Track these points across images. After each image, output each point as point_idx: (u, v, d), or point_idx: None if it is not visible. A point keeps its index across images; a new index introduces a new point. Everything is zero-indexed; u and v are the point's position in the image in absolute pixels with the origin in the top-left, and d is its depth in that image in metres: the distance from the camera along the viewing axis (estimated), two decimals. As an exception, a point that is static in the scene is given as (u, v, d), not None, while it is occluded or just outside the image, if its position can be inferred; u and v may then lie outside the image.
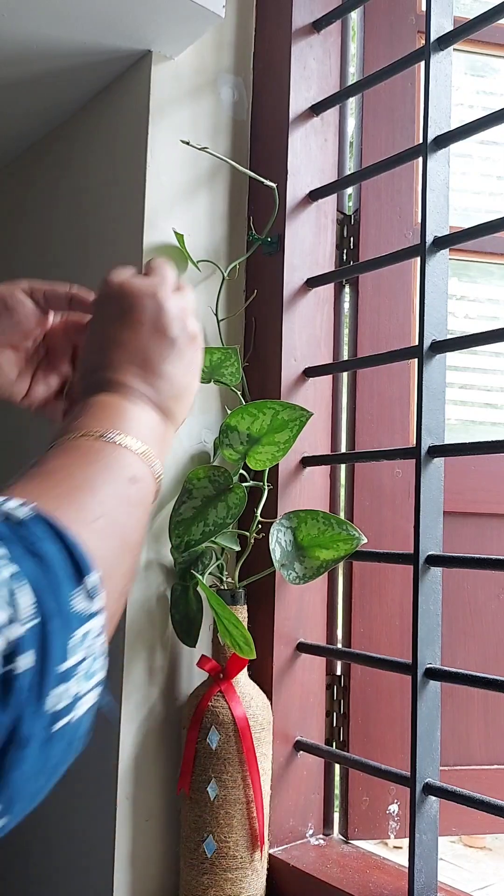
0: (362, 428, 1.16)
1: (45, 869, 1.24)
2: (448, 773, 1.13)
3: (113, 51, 1.11)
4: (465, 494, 1.21)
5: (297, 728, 1.11)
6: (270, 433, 1.02)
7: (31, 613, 0.33)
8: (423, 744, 0.92)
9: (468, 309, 1.40)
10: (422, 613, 0.93)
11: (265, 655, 1.08)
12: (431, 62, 0.99)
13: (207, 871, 0.97)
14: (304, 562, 1.02)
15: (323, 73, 1.18)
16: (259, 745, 0.99)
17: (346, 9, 1.16)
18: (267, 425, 1.02)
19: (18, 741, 0.31)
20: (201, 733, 0.99)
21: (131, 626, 1.05)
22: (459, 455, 0.96)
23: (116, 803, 1.03)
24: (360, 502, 1.15)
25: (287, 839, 1.09)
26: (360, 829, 1.12)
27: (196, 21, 1.04)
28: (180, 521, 1.03)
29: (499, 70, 1.38)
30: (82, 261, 1.26)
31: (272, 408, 1.01)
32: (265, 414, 1.01)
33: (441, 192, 0.99)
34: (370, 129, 1.20)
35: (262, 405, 1.01)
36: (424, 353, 0.96)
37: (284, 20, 1.16)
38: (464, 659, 1.19)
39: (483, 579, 1.22)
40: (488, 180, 1.39)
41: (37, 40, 1.08)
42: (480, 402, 1.43)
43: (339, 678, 1.15)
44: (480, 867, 2.36)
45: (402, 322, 1.19)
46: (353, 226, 1.19)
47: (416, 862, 0.91)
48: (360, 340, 1.17)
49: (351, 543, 1.00)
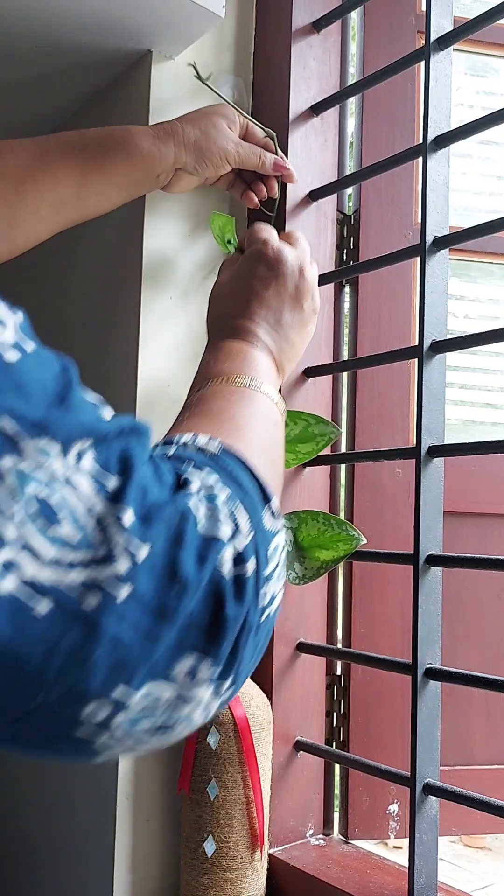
0: (362, 428, 1.16)
1: (45, 869, 1.24)
2: (448, 773, 1.13)
3: (113, 51, 1.11)
4: (465, 494, 1.21)
5: (297, 728, 1.11)
6: (295, 442, 1.03)
7: (249, 528, 0.40)
8: (423, 744, 0.92)
9: (468, 309, 1.40)
10: (422, 613, 0.93)
11: (265, 655, 1.08)
12: (431, 62, 0.99)
13: (207, 872, 0.97)
14: (305, 562, 1.02)
15: (323, 73, 1.18)
16: (259, 745, 0.99)
17: (346, 9, 1.16)
18: (295, 435, 1.02)
19: (247, 629, 0.39)
20: (201, 733, 0.99)
21: (131, 626, 1.05)
22: (459, 455, 0.96)
23: (116, 803, 1.03)
24: (360, 502, 1.15)
25: (287, 839, 1.09)
26: (360, 829, 1.12)
27: (196, 21, 1.04)
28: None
29: (499, 70, 1.38)
30: (80, 259, 1.26)
31: (305, 419, 1.02)
32: (297, 424, 1.02)
33: (441, 192, 0.99)
34: (370, 129, 1.20)
35: (296, 415, 1.02)
36: (424, 353, 0.96)
37: (284, 20, 1.16)
38: (464, 659, 1.19)
39: (484, 579, 1.22)
40: (488, 180, 1.39)
41: (36, 40, 1.08)
42: (480, 402, 1.43)
43: (339, 678, 1.15)
44: (480, 867, 2.36)
45: (402, 322, 1.19)
46: (353, 226, 1.19)
47: (416, 862, 0.91)
48: (360, 340, 1.17)
49: (350, 544, 1.00)
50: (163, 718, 0.36)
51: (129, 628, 0.33)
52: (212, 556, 0.37)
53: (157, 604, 0.34)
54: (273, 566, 0.42)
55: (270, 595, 0.41)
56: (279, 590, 0.43)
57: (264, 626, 0.41)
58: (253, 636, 0.40)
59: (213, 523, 0.38)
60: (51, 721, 0.33)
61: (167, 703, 0.35)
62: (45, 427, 0.32)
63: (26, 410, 0.32)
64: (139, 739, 0.36)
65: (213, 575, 0.36)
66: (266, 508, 0.43)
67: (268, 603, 0.41)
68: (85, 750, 0.35)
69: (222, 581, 0.37)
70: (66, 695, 0.32)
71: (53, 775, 1.24)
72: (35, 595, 0.31)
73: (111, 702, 0.33)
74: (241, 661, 0.39)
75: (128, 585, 0.33)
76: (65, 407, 0.34)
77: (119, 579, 0.32)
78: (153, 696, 0.35)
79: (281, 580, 0.44)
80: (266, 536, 0.42)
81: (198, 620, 0.36)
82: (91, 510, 0.33)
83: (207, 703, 0.37)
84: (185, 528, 0.36)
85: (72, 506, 0.32)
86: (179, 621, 0.34)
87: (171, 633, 0.34)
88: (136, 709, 0.34)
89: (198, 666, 0.36)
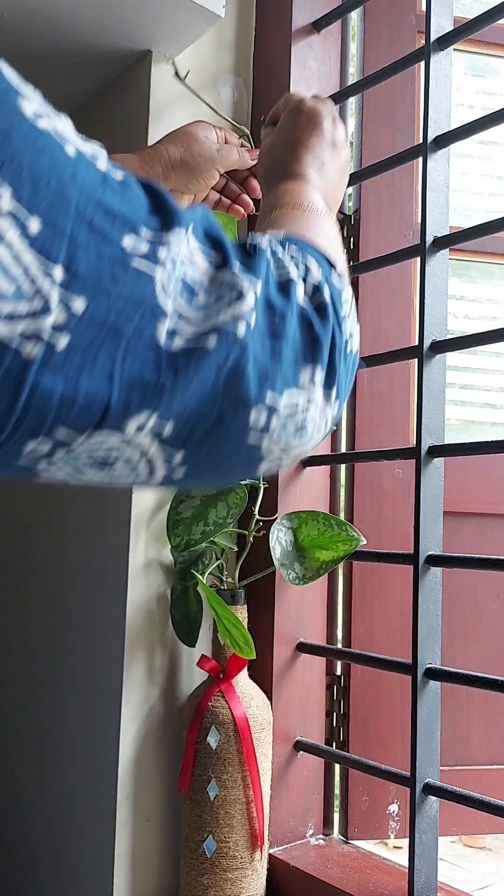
0: (362, 428, 1.16)
1: (45, 869, 1.25)
2: (448, 773, 1.13)
3: (113, 51, 1.11)
4: (465, 494, 1.21)
5: (297, 728, 1.11)
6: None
7: (319, 272, 0.49)
8: (423, 744, 0.92)
9: (468, 309, 1.40)
10: (422, 613, 0.93)
11: (265, 655, 1.08)
12: (431, 62, 0.99)
13: (207, 872, 0.97)
14: (304, 562, 1.02)
15: (323, 73, 1.18)
16: (259, 745, 0.99)
17: (346, 9, 1.16)
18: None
19: (337, 348, 0.48)
20: (201, 733, 0.99)
21: (131, 626, 1.05)
22: (459, 455, 0.96)
23: (116, 803, 1.03)
24: (360, 502, 1.15)
25: (287, 839, 1.09)
26: (360, 829, 1.12)
27: (196, 21, 1.04)
28: (179, 521, 1.03)
29: (499, 70, 1.38)
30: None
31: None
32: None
33: (441, 192, 0.99)
34: (370, 129, 1.20)
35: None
36: (424, 353, 0.96)
37: (284, 20, 1.16)
38: (464, 659, 1.19)
39: (483, 579, 1.22)
40: (488, 180, 1.39)
41: (37, 40, 1.08)
42: (480, 402, 1.43)
43: (339, 678, 1.15)
44: (480, 867, 2.36)
45: (402, 322, 1.19)
46: (353, 226, 1.19)
47: (416, 862, 0.91)
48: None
49: (350, 544, 1.00)
50: (301, 419, 0.47)
51: (259, 349, 0.44)
52: (292, 290, 0.47)
53: (269, 329, 0.44)
54: (347, 309, 0.51)
55: (350, 331, 0.51)
56: (356, 330, 0.53)
57: (351, 356, 0.52)
58: (343, 358, 0.50)
59: (287, 270, 0.48)
60: (229, 431, 0.43)
61: (303, 407, 0.46)
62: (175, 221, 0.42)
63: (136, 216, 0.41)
64: (287, 443, 0.47)
65: (296, 303, 0.47)
66: (333, 270, 0.52)
67: (349, 336, 0.51)
68: (253, 457, 0.46)
69: (307, 309, 0.47)
70: (234, 404, 0.43)
71: (53, 775, 1.24)
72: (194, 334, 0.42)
73: (266, 407, 0.44)
74: (339, 375, 0.49)
75: (252, 318, 0.43)
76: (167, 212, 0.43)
77: (244, 316, 0.43)
78: (292, 402, 0.46)
79: (356, 323, 0.53)
80: (336, 289, 0.51)
81: (300, 340, 0.46)
82: (207, 273, 0.43)
83: (323, 408, 0.48)
84: (268, 273, 0.46)
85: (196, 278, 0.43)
86: (289, 341, 0.45)
87: (288, 349, 0.45)
88: (284, 414, 0.45)
89: (313, 373, 0.47)
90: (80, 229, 0.38)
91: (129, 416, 0.40)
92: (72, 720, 1.19)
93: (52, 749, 1.25)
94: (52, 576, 1.29)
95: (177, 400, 0.41)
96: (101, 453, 0.42)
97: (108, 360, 0.39)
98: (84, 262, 0.38)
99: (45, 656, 1.29)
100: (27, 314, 0.36)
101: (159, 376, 0.40)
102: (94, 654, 1.13)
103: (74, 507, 1.24)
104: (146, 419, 0.41)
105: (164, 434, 0.42)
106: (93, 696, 1.13)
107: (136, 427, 0.41)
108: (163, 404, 0.41)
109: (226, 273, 0.44)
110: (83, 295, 0.37)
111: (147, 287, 0.40)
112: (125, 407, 0.40)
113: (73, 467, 0.42)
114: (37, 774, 1.29)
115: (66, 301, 0.37)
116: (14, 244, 0.36)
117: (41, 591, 1.32)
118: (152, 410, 0.41)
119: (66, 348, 0.37)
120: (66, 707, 1.21)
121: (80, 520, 1.22)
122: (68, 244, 0.37)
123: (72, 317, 0.37)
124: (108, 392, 0.39)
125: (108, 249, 0.39)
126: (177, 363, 0.41)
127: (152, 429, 0.41)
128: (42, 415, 0.38)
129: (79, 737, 1.16)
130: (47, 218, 0.37)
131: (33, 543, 1.37)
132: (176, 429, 0.42)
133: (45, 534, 1.33)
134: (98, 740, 1.10)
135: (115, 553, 1.09)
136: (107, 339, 0.38)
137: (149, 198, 0.42)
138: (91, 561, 1.17)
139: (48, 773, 1.25)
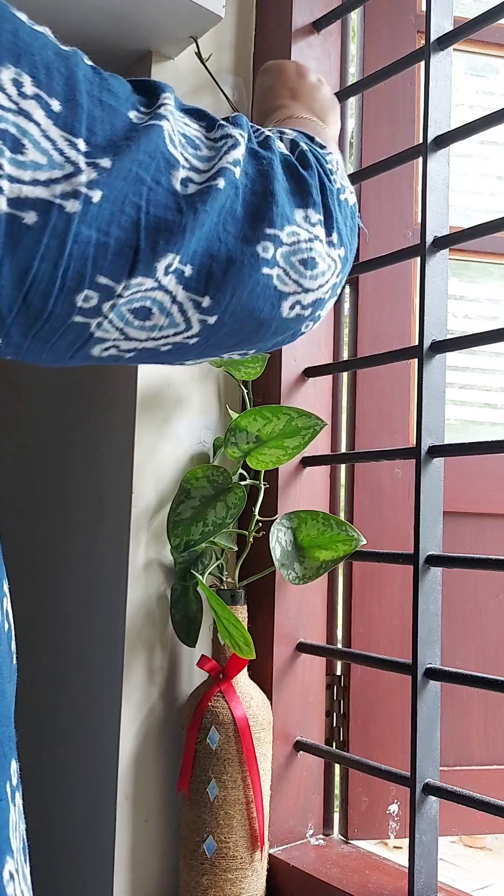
0: (362, 428, 1.16)
1: (45, 869, 1.24)
2: (448, 773, 1.13)
3: (113, 51, 1.11)
4: (465, 494, 1.21)
5: (297, 728, 1.11)
6: (280, 437, 1.02)
7: (293, 132, 0.57)
8: (422, 744, 0.92)
9: (468, 309, 1.40)
10: (422, 613, 0.93)
11: (265, 655, 1.08)
12: (431, 62, 0.99)
13: (207, 872, 0.97)
14: (304, 562, 1.02)
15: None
16: (259, 745, 0.99)
17: (346, 9, 1.16)
18: (279, 430, 1.01)
19: (328, 192, 0.54)
20: (201, 733, 0.99)
21: (131, 626, 1.05)
22: (459, 455, 0.96)
23: (116, 803, 1.03)
24: (360, 502, 1.15)
25: (287, 839, 1.09)
26: (360, 829, 1.12)
27: (196, 21, 1.04)
28: (178, 521, 1.03)
29: (499, 70, 1.38)
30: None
31: (287, 413, 1.01)
32: (279, 419, 1.01)
33: (441, 192, 0.99)
34: (370, 129, 1.20)
35: (277, 409, 1.01)
36: (424, 353, 0.96)
37: (284, 20, 1.16)
38: (464, 659, 1.19)
39: (483, 579, 1.22)
40: (488, 180, 1.39)
41: (37, 40, 1.08)
42: (480, 402, 1.43)
43: (339, 678, 1.15)
44: (480, 867, 2.36)
45: (402, 322, 1.19)
46: (353, 226, 1.19)
47: (416, 862, 0.91)
48: (360, 340, 1.17)
49: (350, 544, 1.00)
50: (306, 253, 0.52)
51: (254, 187, 0.50)
52: (272, 143, 0.53)
53: (259, 171, 0.51)
54: (333, 166, 0.56)
55: (340, 182, 0.57)
56: (348, 185, 0.58)
57: (346, 205, 0.57)
58: (337, 203, 0.55)
59: (262, 132, 0.55)
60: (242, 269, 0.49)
61: (305, 240, 0.52)
62: (161, 88, 0.50)
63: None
64: (300, 277, 0.52)
65: (278, 151, 0.53)
66: (311, 140, 0.58)
67: (341, 187, 0.56)
68: (272, 295, 0.51)
69: (288, 156, 0.53)
70: (238, 240, 0.48)
71: (54, 775, 1.24)
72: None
73: (271, 237, 0.50)
74: (337, 221, 0.55)
75: (244, 163, 0.50)
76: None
77: (239, 161, 0.50)
78: (294, 237, 0.51)
79: (346, 178, 0.59)
80: (313, 145, 0.57)
81: (287, 183, 0.52)
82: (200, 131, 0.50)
83: (328, 247, 0.54)
84: (249, 131, 0.53)
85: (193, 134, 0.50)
86: (279, 181, 0.51)
87: (279, 189, 0.51)
88: (288, 242, 0.51)
89: (307, 214, 0.52)
90: (94, 107, 0.44)
91: (157, 260, 0.45)
92: (71, 720, 1.19)
93: (51, 749, 1.25)
94: (52, 576, 1.29)
95: (194, 239, 0.47)
96: (138, 304, 0.46)
97: (134, 209, 0.44)
98: (101, 132, 0.44)
99: (44, 656, 1.29)
100: (62, 177, 0.42)
101: (181, 217, 0.46)
102: (94, 654, 1.13)
103: (74, 507, 1.24)
104: (172, 260, 0.46)
105: (187, 275, 0.47)
106: (92, 696, 1.13)
107: (164, 268, 0.46)
108: (183, 246, 0.46)
109: (216, 129, 0.51)
110: (106, 157, 0.43)
111: (158, 137, 0.46)
112: (152, 250, 0.45)
113: (119, 328, 0.47)
114: (37, 774, 1.29)
115: (95, 161, 0.43)
116: (41, 122, 0.41)
117: (41, 591, 1.32)
118: (175, 253, 0.46)
119: (100, 201, 0.43)
120: (66, 707, 1.21)
121: (79, 520, 1.22)
122: (87, 119, 0.43)
123: (101, 172, 0.43)
124: (137, 237, 0.44)
125: (118, 120, 0.45)
126: (195, 203, 0.46)
127: (175, 271, 0.46)
128: (83, 263, 0.43)
129: (78, 737, 1.16)
130: (66, 99, 0.43)
131: (33, 543, 1.37)
132: (195, 270, 0.47)
133: (45, 534, 1.33)
134: (98, 740, 1.10)
135: (115, 553, 1.09)
136: (131, 189, 0.44)
137: (128, 81, 0.50)
138: (91, 561, 1.17)
139: (48, 773, 1.25)
